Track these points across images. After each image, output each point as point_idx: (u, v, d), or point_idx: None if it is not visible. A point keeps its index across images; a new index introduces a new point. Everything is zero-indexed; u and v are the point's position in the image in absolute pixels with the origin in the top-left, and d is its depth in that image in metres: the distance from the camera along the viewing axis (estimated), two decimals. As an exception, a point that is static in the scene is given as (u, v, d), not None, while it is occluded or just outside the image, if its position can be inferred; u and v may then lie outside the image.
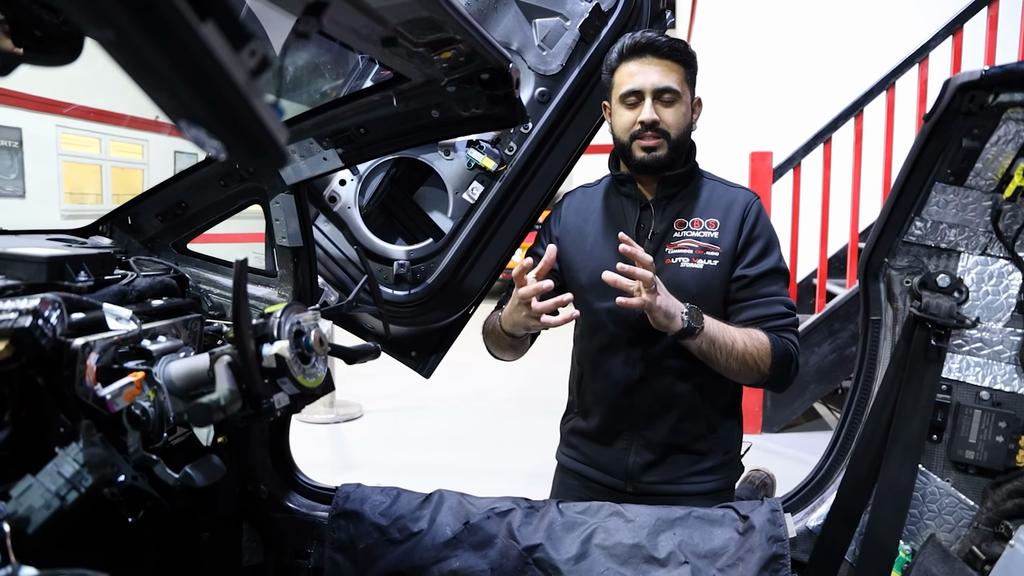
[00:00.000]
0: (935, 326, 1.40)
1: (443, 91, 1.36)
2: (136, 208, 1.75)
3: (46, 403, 1.05)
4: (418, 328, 2.14)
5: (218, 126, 0.56)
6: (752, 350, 1.64)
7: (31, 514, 0.94)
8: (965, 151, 1.33)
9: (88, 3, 0.47)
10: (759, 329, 1.68)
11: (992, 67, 1.26)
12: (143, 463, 1.12)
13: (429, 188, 2.12)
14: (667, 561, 1.56)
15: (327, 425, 5.09)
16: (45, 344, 1.03)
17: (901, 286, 1.49)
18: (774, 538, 1.53)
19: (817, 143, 4.28)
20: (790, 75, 5.97)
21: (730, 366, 1.65)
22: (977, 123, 1.32)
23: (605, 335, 1.79)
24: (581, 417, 1.90)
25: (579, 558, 1.58)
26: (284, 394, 1.11)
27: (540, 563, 1.58)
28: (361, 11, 1.01)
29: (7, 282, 1.19)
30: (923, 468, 1.49)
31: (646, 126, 1.68)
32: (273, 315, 1.13)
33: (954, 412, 1.46)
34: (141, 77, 0.54)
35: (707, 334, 1.59)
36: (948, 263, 1.45)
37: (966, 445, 1.44)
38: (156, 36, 0.48)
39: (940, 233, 1.44)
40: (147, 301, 1.37)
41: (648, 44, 1.68)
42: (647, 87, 1.67)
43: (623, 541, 1.58)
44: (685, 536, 1.59)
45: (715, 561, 1.55)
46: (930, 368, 1.41)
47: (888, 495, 1.42)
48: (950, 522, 1.47)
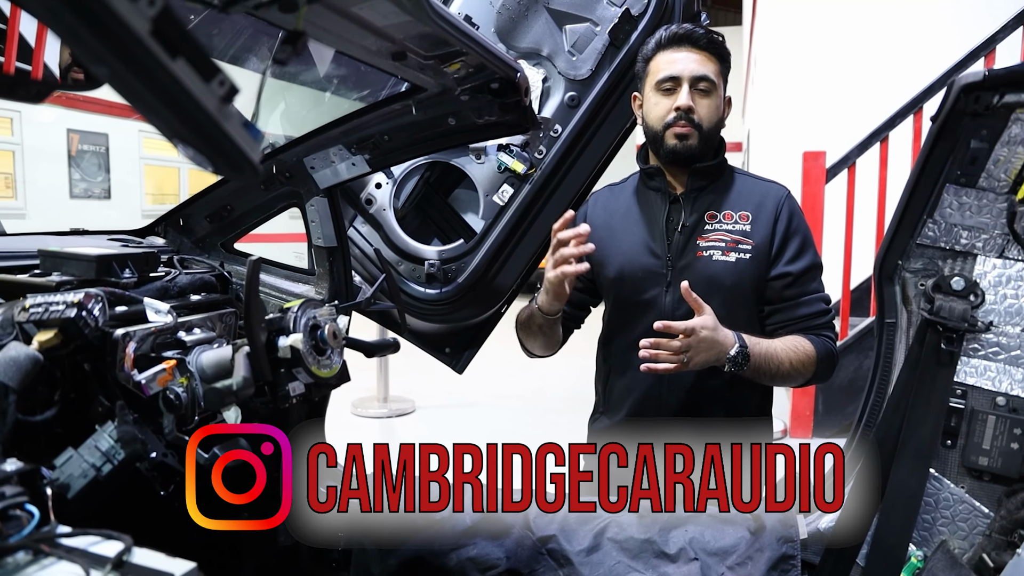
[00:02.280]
0: (946, 329, 1.39)
1: (457, 100, 1.44)
2: (187, 210, 1.89)
3: (90, 386, 1.18)
4: (452, 325, 2.22)
5: (200, 145, 0.65)
6: (798, 364, 1.66)
7: (71, 481, 1.06)
8: (974, 152, 1.32)
9: (84, 48, 0.57)
10: (803, 336, 1.70)
11: (995, 67, 1.25)
12: (177, 443, 1.24)
13: (463, 191, 2.20)
14: (677, 557, 1.59)
15: (380, 419, 5.25)
16: (88, 333, 1.15)
17: (915, 289, 1.48)
18: (784, 539, 1.55)
19: (873, 142, 4.17)
20: (846, 71, 5.81)
21: (774, 383, 1.69)
22: (985, 124, 1.31)
23: (634, 329, 1.78)
24: (607, 416, 1.91)
25: (591, 550, 1.62)
26: (299, 383, 1.21)
27: (553, 553, 1.64)
28: (367, 29, 1.09)
29: (63, 278, 1.33)
30: (937, 474, 1.48)
31: (681, 112, 1.68)
32: (290, 310, 1.23)
33: (968, 417, 1.44)
34: (137, 104, 0.64)
35: (752, 367, 1.60)
36: (964, 266, 1.44)
37: (980, 451, 1.43)
38: (137, 72, 0.57)
39: (954, 235, 1.43)
40: (187, 297, 1.49)
41: (687, 35, 1.70)
42: (685, 74, 1.68)
43: (635, 536, 1.62)
44: (696, 533, 1.61)
45: (725, 559, 1.57)
46: (942, 372, 1.41)
47: (898, 499, 1.42)
48: (964, 529, 1.46)
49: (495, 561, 1.67)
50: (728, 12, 16.05)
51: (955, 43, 4.25)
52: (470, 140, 1.64)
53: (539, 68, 2.04)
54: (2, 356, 1.07)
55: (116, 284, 1.36)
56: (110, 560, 0.82)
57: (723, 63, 1.73)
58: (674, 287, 1.70)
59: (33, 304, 1.15)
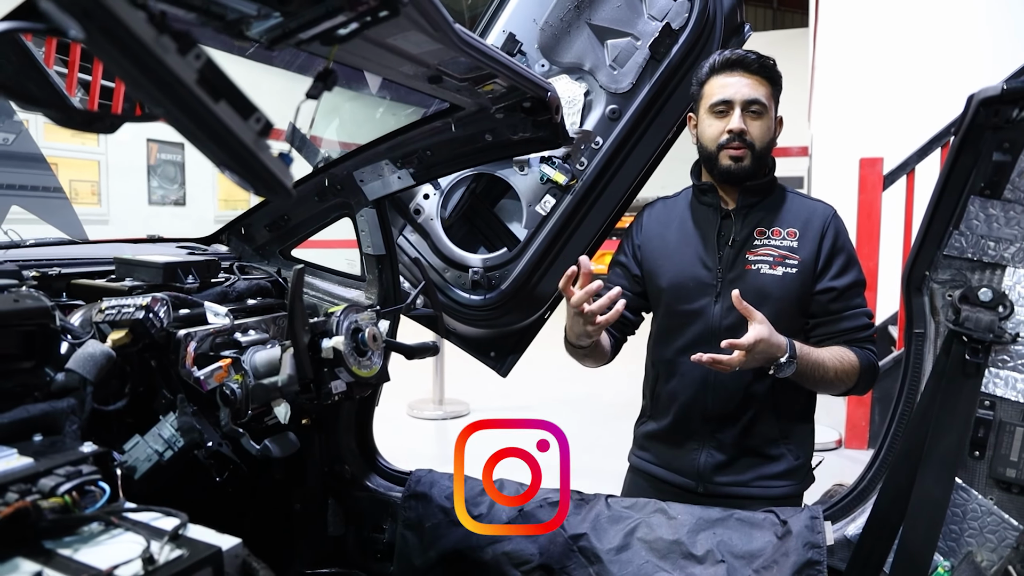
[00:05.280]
0: (972, 340, 1.40)
1: (493, 118, 1.53)
2: (248, 220, 2.03)
3: (155, 380, 1.31)
4: (496, 330, 2.31)
5: (241, 172, 0.75)
6: (842, 373, 1.71)
7: (137, 464, 1.19)
8: (996, 164, 1.33)
9: (144, 93, 0.67)
10: (847, 347, 1.75)
11: (1012, 81, 1.26)
12: (232, 435, 1.36)
13: (508, 201, 2.29)
14: (704, 559, 1.63)
15: (435, 421, 5.39)
16: (154, 333, 1.28)
17: (943, 299, 1.49)
18: (811, 544, 1.57)
19: (933, 147, 4.08)
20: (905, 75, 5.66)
21: (815, 388, 1.75)
22: (1007, 137, 1.32)
23: (683, 337, 1.85)
24: (654, 420, 1.95)
25: (621, 549, 1.68)
26: (341, 382, 1.31)
27: (584, 551, 1.70)
28: (403, 57, 1.19)
29: (134, 283, 1.48)
30: (964, 484, 1.48)
31: (734, 135, 1.75)
32: (334, 315, 1.34)
33: (996, 429, 1.45)
34: (189, 138, 0.75)
35: (798, 372, 1.65)
36: (992, 277, 1.45)
37: (1007, 463, 1.43)
38: (187, 112, 0.68)
39: (982, 247, 1.44)
40: (244, 300, 1.62)
41: (739, 60, 1.76)
42: (737, 98, 1.75)
43: (664, 537, 1.68)
44: (724, 536, 1.65)
45: (751, 562, 1.61)
46: (968, 383, 1.42)
47: (923, 508, 1.43)
48: (992, 541, 1.46)
49: (528, 556, 1.75)
50: (795, 13, 15.73)
51: (1017, 48, 4.12)
52: (506, 155, 1.72)
53: (581, 82, 2.11)
54: (81, 352, 1.21)
55: (180, 289, 1.50)
56: (168, 533, 0.94)
57: (774, 86, 1.79)
58: (723, 298, 1.77)
59: (108, 306, 1.29)
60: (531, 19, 2.10)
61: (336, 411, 1.99)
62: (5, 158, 5.66)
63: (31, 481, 0.96)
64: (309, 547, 1.98)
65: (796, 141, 11.14)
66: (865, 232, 4.25)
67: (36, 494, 0.94)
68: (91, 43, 0.64)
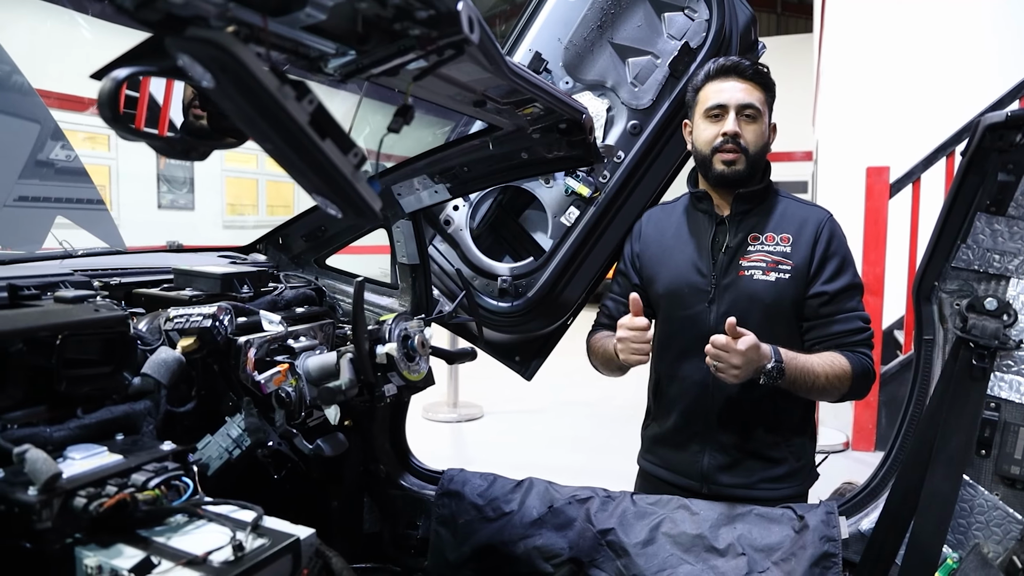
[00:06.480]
0: (978, 347, 1.50)
1: (530, 137, 1.62)
2: (286, 231, 2.13)
3: (219, 384, 1.41)
4: (522, 335, 2.40)
5: (336, 199, 0.86)
6: (834, 379, 1.74)
7: (210, 462, 1.29)
8: (1001, 184, 1.43)
9: (256, 131, 0.77)
10: (839, 352, 1.77)
11: (1017, 109, 1.36)
12: (286, 435, 1.46)
13: (533, 212, 2.38)
14: (726, 552, 1.73)
15: (450, 424, 5.48)
16: (219, 340, 1.38)
17: (951, 308, 1.59)
18: (827, 537, 1.67)
19: (939, 156, 4.17)
20: (911, 84, 5.75)
21: (811, 395, 1.78)
22: (1011, 159, 1.42)
23: (682, 341, 1.90)
24: (657, 423, 2.01)
25: (646, 543, 1.78)
26: (393, 385, 1.41)
27: (612, 545, 1.80)
28: (454, 85, 1.29)
29: (194, 292, 1.58)
30: (972, 481, 1.58)
31: (728, 138, 1.80)
32: (386, 323, 1.43)
33: (1002, 429, 1.54)
34: (290, 171, 0.85)
35: (787, 380, 1.70)
36: (997, 287, 1.54)
37: (1011, 461, 1.53)
38: (296, 148, 0.78)
39: (988, 259, 1.53)
40: (292, 308, 1.72)
41: (734, 66, 1.83)
42: (731, 103, 1.81)
43: (687, 531, 1.77)
44: (745, 531, 1.75)
45: (770, 555, 1.70)
46: (974, 387, 1.51)
47: (932, 504, 1.53)
48: (998, 534, 1.56)
49: (559, 550, 1.85)
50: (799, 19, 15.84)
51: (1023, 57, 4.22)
52: (540, 172, 1.82)
53: (603, 98, 2.21)
54: (155, 358, 1.31)
55: (236, 298, 1.59)
56: (249, 523, 1.04)
57: (768, 92, 1.85)
58: (717, 303, 1.82)
59: (176, 315, 1.39)
60: (556, 38, 2.20)
61: (372, 413, 2.09)
62: (59, 172, 5.86)
63: (124, 476, 1.06)
64: (346, 543, 2.07)
65: (800, 146, 11.24)
66: (872, 239, 4.34)
67: (131, 487, 1.04)
68: (218, 91, 0.74)
